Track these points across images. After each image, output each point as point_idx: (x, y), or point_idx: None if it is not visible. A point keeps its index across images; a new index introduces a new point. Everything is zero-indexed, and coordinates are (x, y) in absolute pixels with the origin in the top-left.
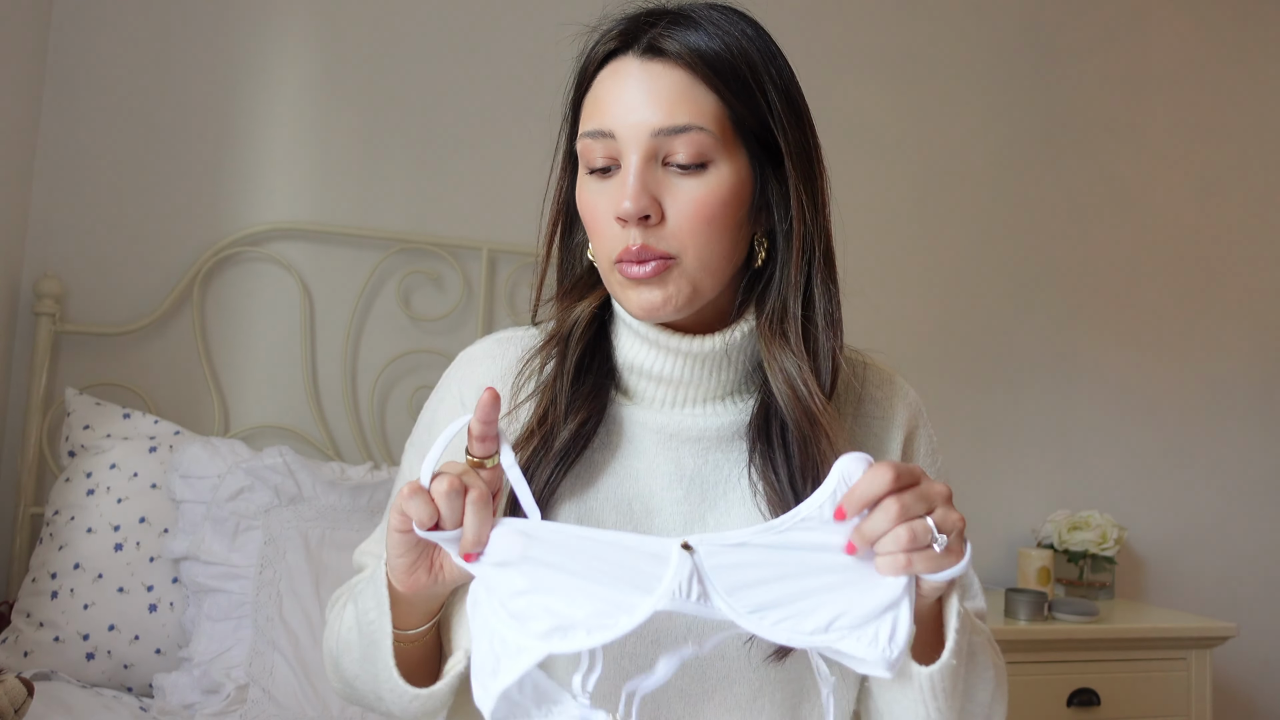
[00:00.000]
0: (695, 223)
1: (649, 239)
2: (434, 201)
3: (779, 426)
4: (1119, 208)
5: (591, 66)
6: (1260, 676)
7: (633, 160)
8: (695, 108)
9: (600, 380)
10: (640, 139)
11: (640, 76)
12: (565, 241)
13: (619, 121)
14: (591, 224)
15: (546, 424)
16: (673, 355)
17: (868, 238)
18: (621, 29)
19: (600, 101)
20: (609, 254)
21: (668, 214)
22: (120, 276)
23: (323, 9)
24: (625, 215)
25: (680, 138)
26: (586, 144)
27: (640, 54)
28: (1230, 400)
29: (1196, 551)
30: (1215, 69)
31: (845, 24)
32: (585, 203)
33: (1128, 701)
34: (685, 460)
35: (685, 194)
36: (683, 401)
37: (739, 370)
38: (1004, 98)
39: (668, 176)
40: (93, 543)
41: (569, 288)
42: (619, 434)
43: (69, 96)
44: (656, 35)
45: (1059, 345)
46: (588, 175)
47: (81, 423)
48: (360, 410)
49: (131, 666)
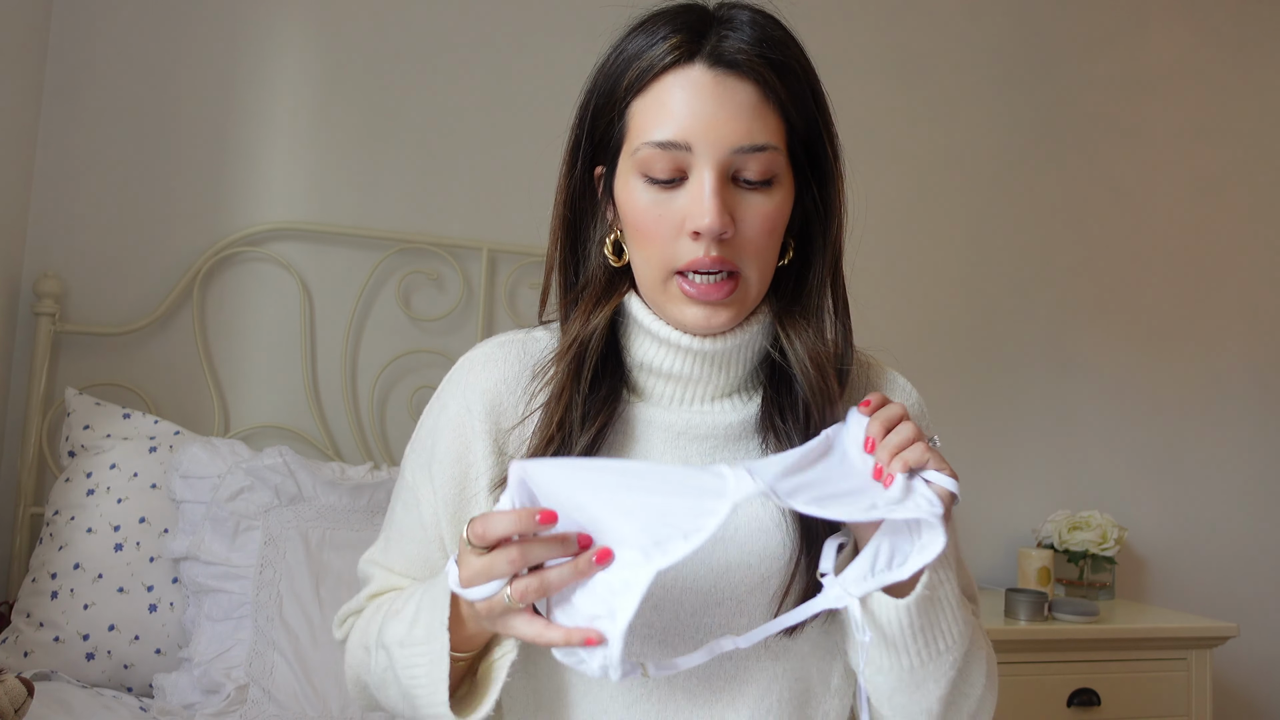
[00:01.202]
0: (762, 237)
1: (722, 252)
2: (434, 201)
3: (789, 417)
4: (1118, 208)
5: (651, 71)
6: (1260, 676)
7: (712, 177)
8: (768, 126)
9: (615, 384)
10: (720, 156)
11: (715, 91)
12: (570, 235)
13: (697, 136)
14: (650, 234)
15: (565, 429)
16: (685, 354)
17: (868, 237)
18: (682, 38)
19: (671, 112)
20: (669, 264)
21: (740, 229)
22: (120, 276)
23: (323, 9)
24: (706, 231)
25: (756, 156)
26: (653, 153)
27: (711, 64)
28: (1231, 400)
29: (1196, 551)
30: (1215, 69)
31: (846, 24)
32: (644, 212)
33: (1128, 701)
34: (694, 458)
35: (755, 210)
36: (691, 399)
37: (744, 367)
38: (1004, 98)
39: (738, 192)
40: (93, 543)
41: (582, 292)
42: (628, 434)
43: (69, 96)
44: (724, 46)
45: (1059, 345)
46: (647, 183)
47: (81, 423)
48: (360, 410)
49: (131, 666)
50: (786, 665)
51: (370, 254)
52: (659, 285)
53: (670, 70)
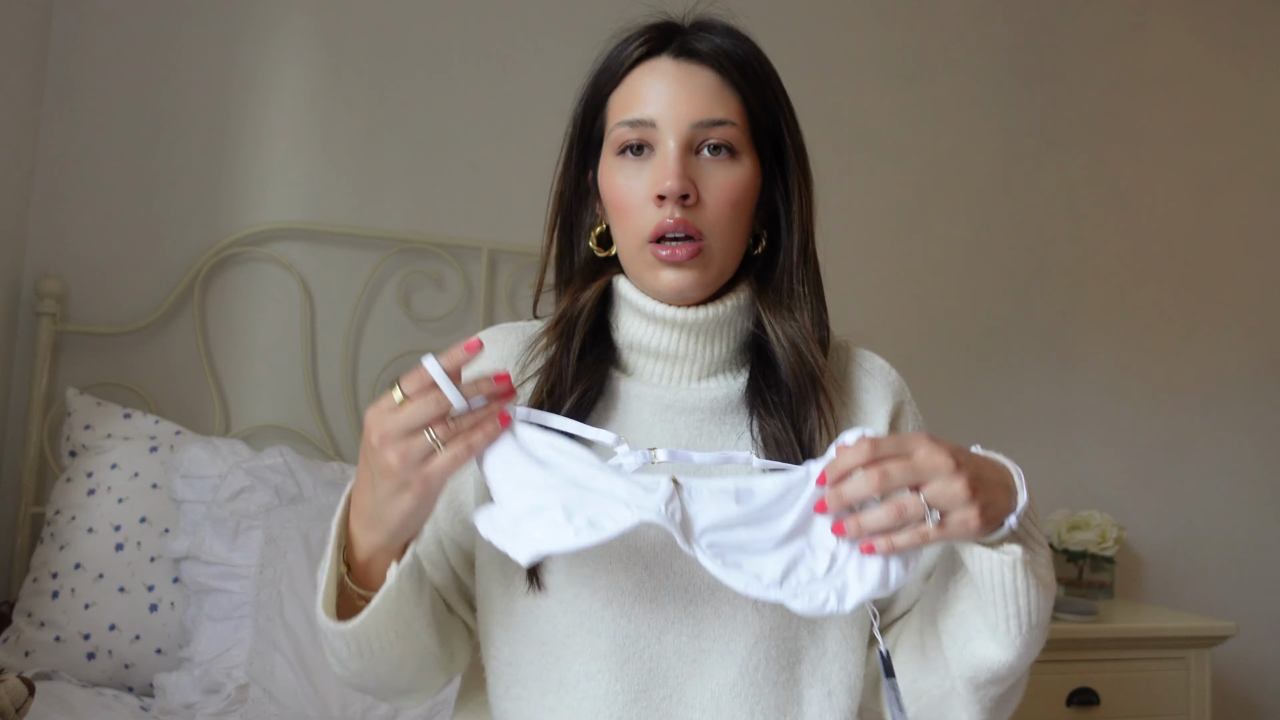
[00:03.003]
0: (725, 207)
1: (686, 216)
2: (434, 201)
3: (774, 393)
4: (1118, 207)
5: (623, 67)
6: (1260, 676)
7: (673, 146)
8: (728, 106)
9: (602, 354)
10: (681, 128)
11: (678, 74)
12: (565, 232)
13: (659, 112)
14: (623, 206)
15: (555, 396)
16: (671, 328)
17: (868, 236)
18: (651, 34)
19: (638, 95)
20: (641, 233)
21: (702, 197)
22: (120, 276)
23: (323, 10)
24: (668, 192)
25: (715, 130)
26: (623, 131)
27: (675, 55)
28: (1230, 400)
29: (1196, 551)
30: (1215, 69)
31: (846, 25)
32: (616, 185)
33: (1128, 701)
34: (681, 431)
35: (717, 179)
36: (680, 377)
37: (731, 344)
38: (1004, 98)
39: (701, 164)
40: (94, 542)
41: (571, 276)
42: (618, 408)
43: (69, 96)
44: (688, 40)
45: (1058, 345)
46: (620, 159)
47: (82, 423)
48: (360, 410)
49: (132, 666)
50: (777, 628)
51: (370, 254)
52: (636, 256)
53: (640, 63)
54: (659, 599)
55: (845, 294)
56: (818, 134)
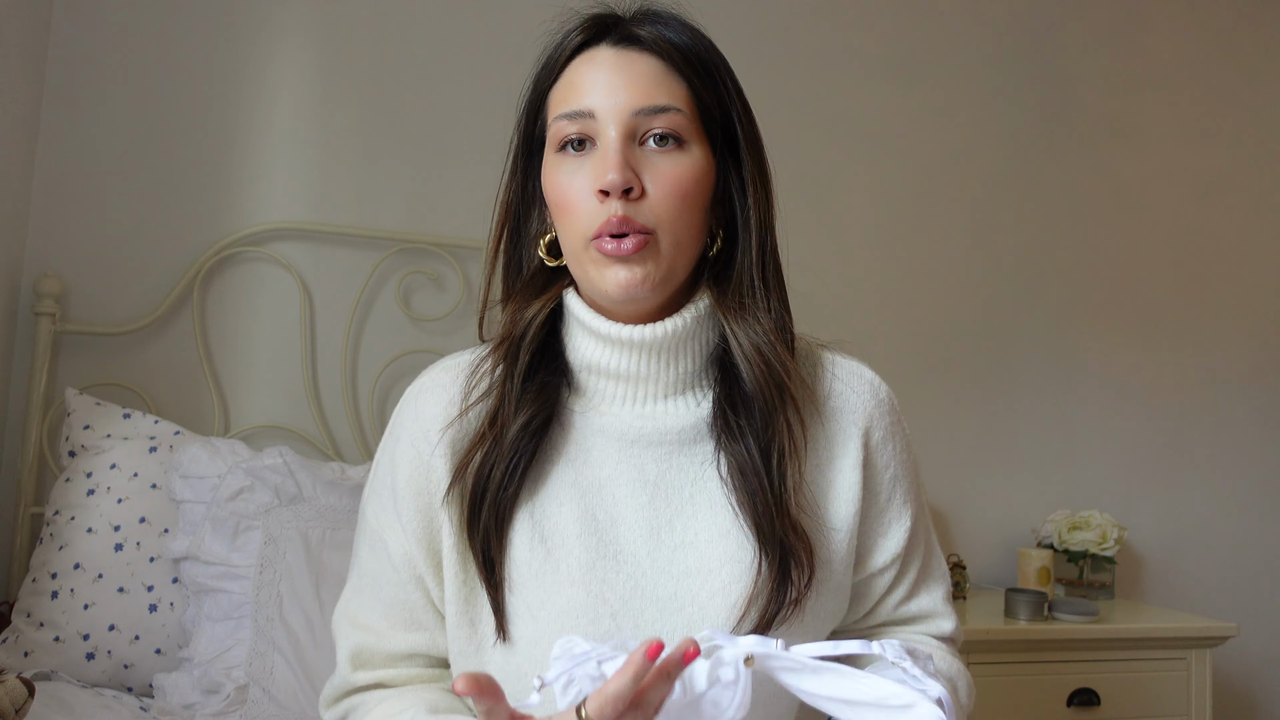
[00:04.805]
0: (672, 199)
1: (629, 212)
2: (434, 201)
3: (742, 412)
4: (1118, 207)
5: (562, 57)
6: (1260, 676)
7: (614, 136)
8: (672, 92)
9: (551, 379)
10: (621, 118)
11: (617, 62)
12: (512, 243)
13: (599, 102)
14: (565, 204)
15: (497, 425)
16: (627, 349)
17: (867, 236)
18: (589, 23)
19: (576, 86)
20: (585, 231)
21: (647, 189)
22: (120, 276)
23: (323, 9)
24: (610, 186)
25: (659, 117)
26: (562, 124)
27: (615, 43)
28: (1231, 400)
29: (1196, 551)
30: (1215, 70)
31: (846, 24)
32: (558, 184)
33: (1128, 701)
34: (648, 467)
35: (663, 170)
36: (640, 398)
37: (693, 362)
38: (1004, 97)
39: (645, 154)
40: (93, 543)
41: (518, 289)
42: (577, 445)
43: (69, 96)
44: (628, 26)
45: (1059, 345)
46: (560, 155)
47: (81, 423)
48: (360, 410)
49: (132, 666)
50: None
51: (370, 254)
52: (580, 255)
53: (578, 54)
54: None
55: (844, 294)
56: (818, 133)
